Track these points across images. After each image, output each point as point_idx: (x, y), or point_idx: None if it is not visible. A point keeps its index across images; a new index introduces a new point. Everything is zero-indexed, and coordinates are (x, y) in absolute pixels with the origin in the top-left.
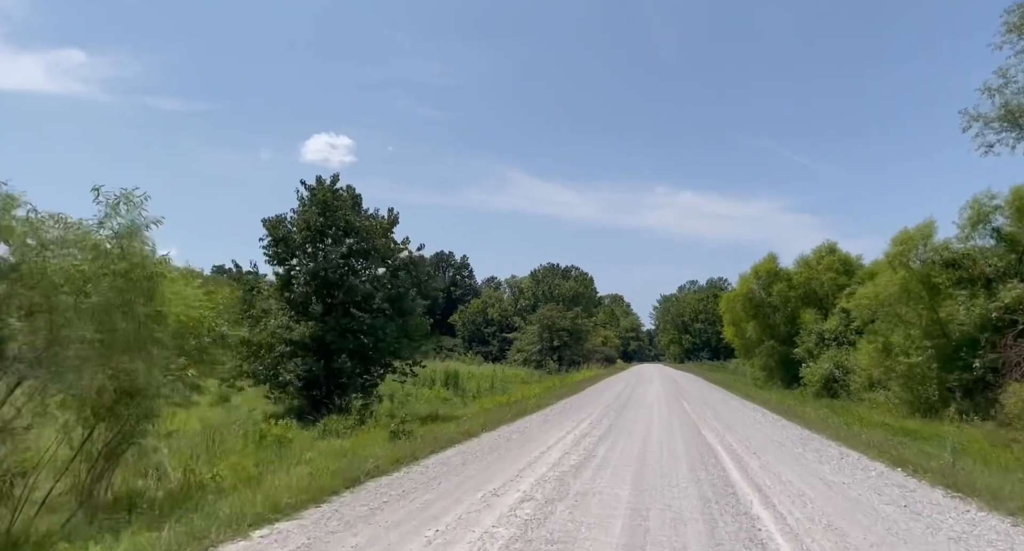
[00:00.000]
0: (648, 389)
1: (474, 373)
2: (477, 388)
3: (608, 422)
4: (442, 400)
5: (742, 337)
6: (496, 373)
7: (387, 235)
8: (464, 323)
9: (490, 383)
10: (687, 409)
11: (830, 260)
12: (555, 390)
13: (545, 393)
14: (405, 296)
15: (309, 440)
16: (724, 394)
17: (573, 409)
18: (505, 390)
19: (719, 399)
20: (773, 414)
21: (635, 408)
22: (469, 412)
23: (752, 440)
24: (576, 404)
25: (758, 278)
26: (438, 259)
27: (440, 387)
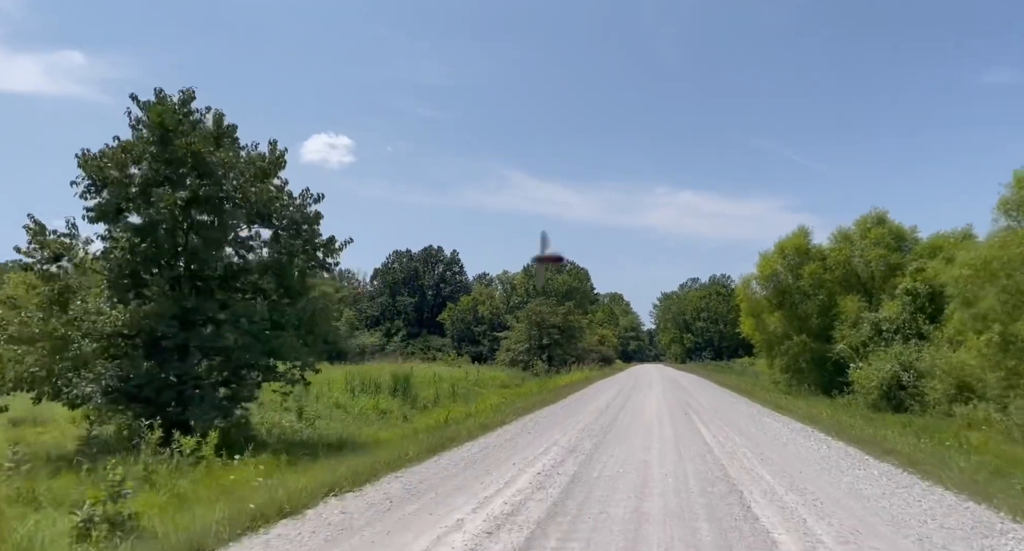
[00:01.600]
0: (646, 398)
1: (443, 376)
2: (435, 396)
3: (575, 465)
4: (379, 413)
5: (763, 331)
6: (469, 376)
7: (266, 180)
8: (453, 322)
9: (451, 390)
10: (704, 434)
11: (878, 233)
12: (528, 398)
13: (511, 403)
14: (288, 269)
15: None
16: (747, 405)
17: (533, 432)
18: (470, 398)
19: (744, 413)
20: (839, 442)
21: (624, 433)
22: (392, 435)
23: (867, 526)
24: (543, 422)
25: (784, 257)
26: (426, 254)
27: (385, 395)
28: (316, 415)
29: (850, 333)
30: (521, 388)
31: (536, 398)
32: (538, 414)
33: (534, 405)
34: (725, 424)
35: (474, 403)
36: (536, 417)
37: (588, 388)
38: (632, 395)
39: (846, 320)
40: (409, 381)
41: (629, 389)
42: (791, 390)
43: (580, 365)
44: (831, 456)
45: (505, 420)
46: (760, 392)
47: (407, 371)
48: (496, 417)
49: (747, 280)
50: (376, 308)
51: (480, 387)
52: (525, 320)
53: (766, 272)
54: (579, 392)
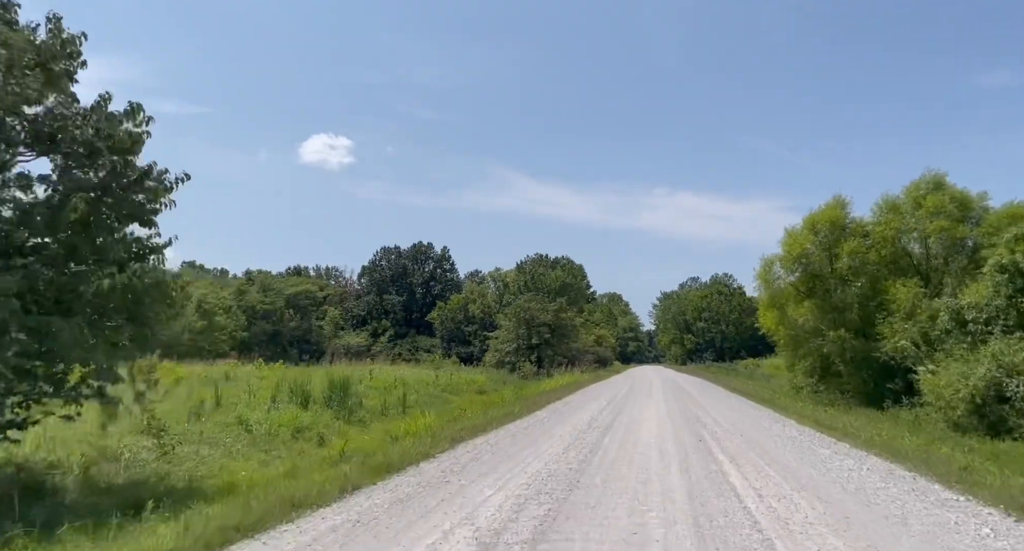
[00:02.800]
0: (643, 411)
1: (408, 381)
2: (382, 405)
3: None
4: (295, 433)
5: (788, 326)
6: (440, 380)
7: (47, 67)
8: (443, 322)
9: (402, 399)
10: (740, 489)
11: (936, 201)
12: (492, 410)
13: (463, 419)
14: (62, 211)
15: None
16: (778, 421)
17: (449, 486)
18: (431, 407)
19: (782, 438)
20: (992, 510)
21: (602, 488)
22: (266, 476)
23: None
24: (482, 460)
25: (815, 234)
26: (416, 251)
27: (317, 406)
28: (192, 438)
29: (903, 327)
30: (495, 395)
31: (501, 411)
32: (487, 439)
33: (492, 422)
34: (765, 461)
35: (427, 415)
36: (479, 447)
37: (574, 396)
38: (625, 407)
39: (898, 310)
40: (347, 389)
41: (623, 397)
42: (820, 398)
43: (574, 367)
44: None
45: (429, 452)
46: (784, 401)
47: (346, 375)
48: (418, 448)
49: (768, 263)
50: (363, 307)
51: (451, 393)
52: (512, 317)
53: (793, 252)
54: (560, 401)
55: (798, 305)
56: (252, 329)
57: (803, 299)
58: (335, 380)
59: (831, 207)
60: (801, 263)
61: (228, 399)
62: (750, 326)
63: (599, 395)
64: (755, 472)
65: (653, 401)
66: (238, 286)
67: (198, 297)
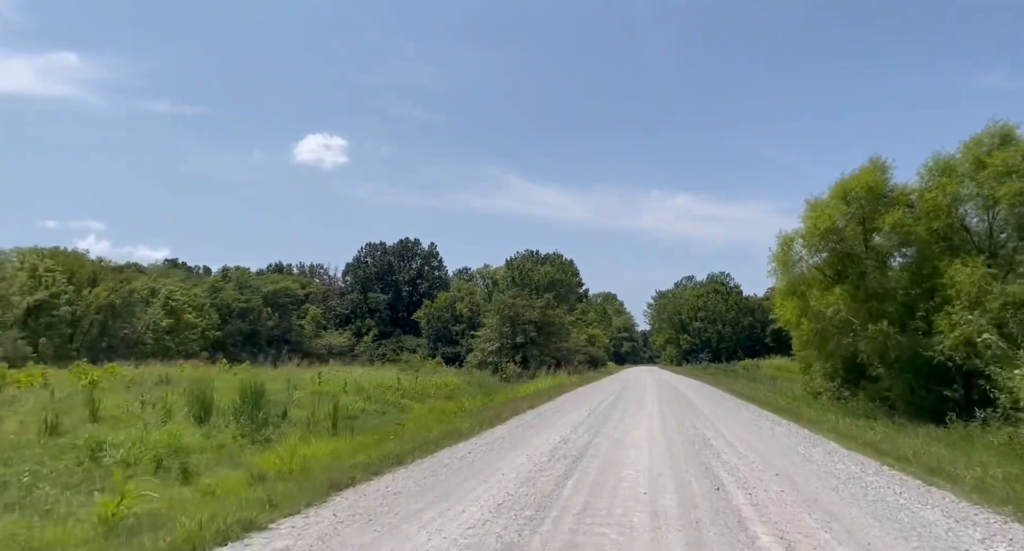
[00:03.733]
0: (633, 427)
1: (364, 385)
2: (310, 418)
3: None
4: (160, 460)
5: (813, 318)
6: (404, 384)
7: None
8: (429, 321)
9: (331, 412)
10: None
11: (1007, 157)
12: (443, 423)
13: (396, 438)
14: None
15: None
16: (826, 450)
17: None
18: (369, 419)
19: (854, 482)
20: None
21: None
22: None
23: None
24: (356, 530)
25: (847, 203)
26: (402, 247)
27: (224, 420)
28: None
29: (966, 318)
30: (461, 402)
31: (452, 425)
32: (389, 482)
33: (425, 446)
34: (840, 540)
35: (349, 435)
36: (359, 504)
37: (550, 404)
38: (609, 421)
39: (957, 296)
40: (260, 398)
41: (608, 407)
42: (847, 407)
43: (563, 368)
44: None
45: (257, 521)
46: (808, 411)
47: (261, 381)
48: (252, 509)
49: (787, 241)
50: (346, 306)
51: (413, 399)
52: (496, 315)
53: (820, 226)
54: (532, 411)
55: (825, 292)
56: (226, 328)
57: (831, 285)
58: (249, 387)
59: (867, 171)
60: (830, 240)
61: (114, 411)
62: (747, 326)
63: (581, 403)
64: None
65: (645, 412)
66: (212, 283)
67: (165, 294)
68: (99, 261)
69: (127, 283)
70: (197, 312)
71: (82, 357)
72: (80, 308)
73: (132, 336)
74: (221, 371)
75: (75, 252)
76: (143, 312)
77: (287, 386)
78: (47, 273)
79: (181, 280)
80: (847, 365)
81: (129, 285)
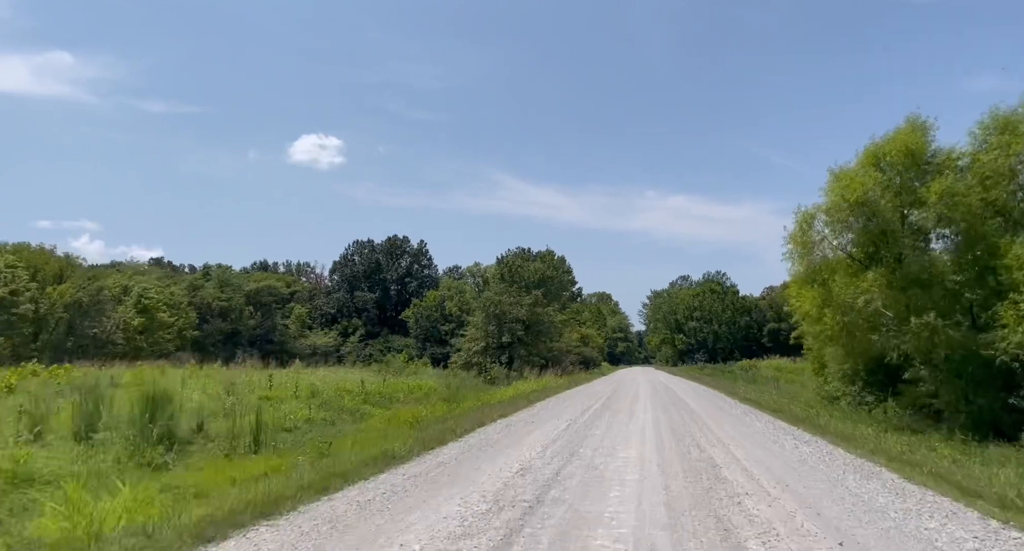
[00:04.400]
0: (620, 445)
1: (320, 389)
2: (232, 432)
3: None
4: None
5: (839, 309)
6: (367, 388)
7: None
8: (418, 320)
9: (253, 426)
10: None
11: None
12: (391, 438)
13: (310, 468)
14: None
15: None
16: (884, 483)
17: None
18: (308, 433)
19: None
20: None
21: None
22: None
23: None
24: None
25: (881, 170)
26: (390, 245)
27: (113, 436)
28: None
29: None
30: (427, 409)
31: (389, 445)
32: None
33: (335, 479)
34: None
35: (263, 455)
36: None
37: (527, 411)
38: (592, 434)
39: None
40: (161, 409)
41: (594, 415)
42: (875, 415)
43: (553, 369)
44: None
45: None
46: (833, 421)
47: (164, 389)
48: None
49: (806, 219)
50: (332, 305)
51: (378, 405)
52: (482, 312)
53: (849, 198)
54: (503, 421)
55: (853, 279)
56: (205, 328)
57: (860, 270)
58: (147, 397)
59: (905, 132)
60: (860, 215)
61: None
62: (744, 326)
63: (563, 411)
64: None
65: (636, 425)
66: (191, 281)
67: (138, 292)
68: (66, 257)
69: (95, 280)
70: (173, 311)
71: (45, 357)
72: (44, 306)
73: (101, 336)
74: (190, 373)
75: (40, 248)
76: (113, 311)
77: (225, 392)
78: (7, 269)
79: (158, 278)
80: (870, 366)
81: (97, 282)
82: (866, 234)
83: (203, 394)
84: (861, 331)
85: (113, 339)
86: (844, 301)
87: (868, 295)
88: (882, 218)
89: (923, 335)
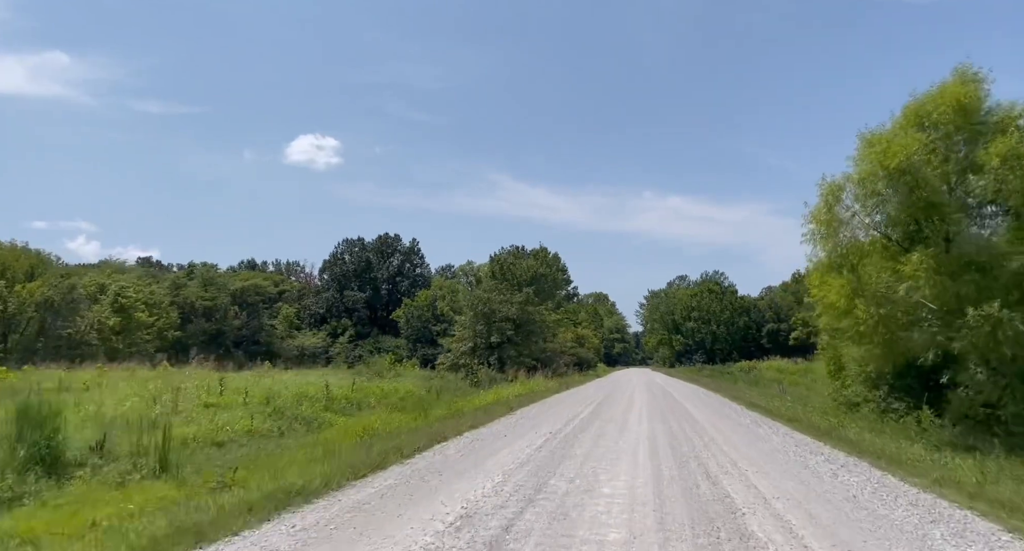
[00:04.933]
0: (603, 485)
1: (277, 393)
2: (135, 450)
3: None
4: None
5: (873, 299)
6: (333, 392)
7: None
8: (409, 320)
9: (160, 445)
10: None
11: None
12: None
13: (211, 497)
14: None
15: None
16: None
17: None
18: (244, 448)
19: None
20: None
21: None
22: None
23: None
24: None
25: (923, 129)
26: (381, 243)
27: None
28: None
29: None
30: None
31: (339, 461)
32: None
33: (183, 537)
34: None
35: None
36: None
37: (501, 422)
38: (572, 455)
39: None
40: (35, 426)
41: (579, 427)
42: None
43: (546, 370)
44: None
45: None
46: (873, 438)
47: (48, 401)
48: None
49: (833, 191)
50: (321, 305)
51: (342, 412)
52: (469, 311)
53: (889, 164)
54: (470, 434)
55: (890, 263)
56: (188, 328)
57: (898, 253)
58: (24, 408)
59: (953, 86)
60: (901, 185)
61: None
62: (742, 326)
63: (544, 421)
64: None
65: (629, 440)
66: (173, 280)
67: (115, 290)
68: (37, 254)
69: (67, 278)
70: (152, 310)
71: (13, 359)
72: (13, 305)
73: (75, 336)
74: (158, 374)
75: (11, 245)
76: (88, 310)
77: (155, 398)
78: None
79: (139, 277)
80: (898, 367)
81: (68, 280)
82: (907, 209)
83: (136, 400)
84: (900, 326)
85: (87, 340)
86: (878, 291)
87: (912, 282)
88: (928, 188)
89: (983, 329)
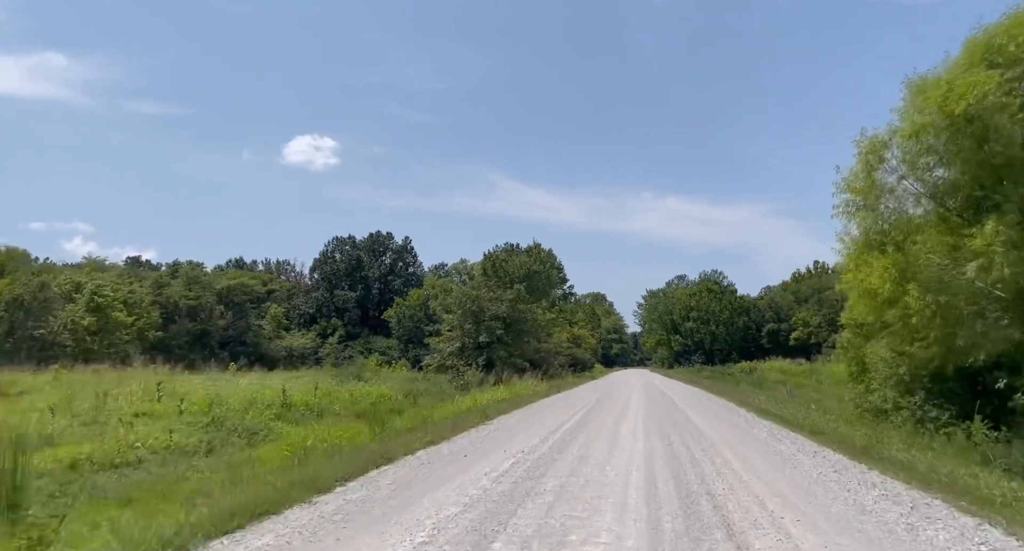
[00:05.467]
0: (581, 520)
1: (225, 400)
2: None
3: None
4: None
5: (927, 287)
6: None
7: None
8: (400, 320)
9: (24, 461)
10: None
11: None
12: (246, 483)
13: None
14: None
15: None
16: None
17: None
18: (161, 466)
19: None
20: None
21: None
22: None
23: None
24: None
25: (993, 66)
26: (373, 242)
27: None
28: None
29: None
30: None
31: (254, 490)
32: None
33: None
34: None
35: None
36: None
37: (471, 434)
38: (536, 492)
39: None
40: None
41: (563, 440)
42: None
43: (537, 371)
44: None
45: None
46: (928, 459)
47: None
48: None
49: (874, 148)
50: (311, 304)
51: (295, 422)
52: (457, 309)
53: (955, 109)
54: (430, 451)
55: (950, 238)
56: (171, 328)
57: (959, 225)
58: None
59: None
60: (966, 139)
61: None
62: (742, 327)
63: (519, 433)
64: None
65: (619, 464)
66: (155, 278)
67: (91, 289)
68: (7, 251)
69: (38, 276)
70: (132, 310)
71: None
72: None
73: (47, 336)
74: (126, 377)
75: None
76: (62, 309)
77: (69, 408)
78: None
79: (119, 275)
80: (935, 371)
81: (39, 278)
82: (974, 168)
83: (48, 411)
84: (959, 318)
85: (60, 340)
86: (933, 277)
87: (985, 259)
88: (1004, 140)
89: None
